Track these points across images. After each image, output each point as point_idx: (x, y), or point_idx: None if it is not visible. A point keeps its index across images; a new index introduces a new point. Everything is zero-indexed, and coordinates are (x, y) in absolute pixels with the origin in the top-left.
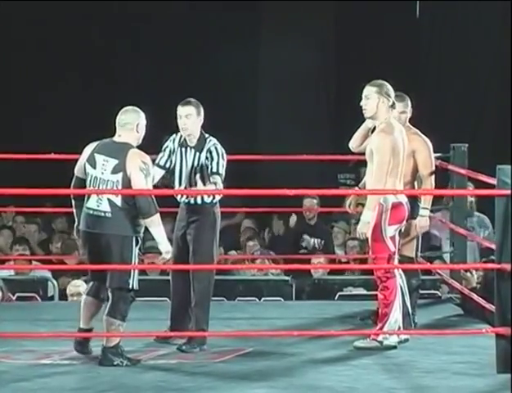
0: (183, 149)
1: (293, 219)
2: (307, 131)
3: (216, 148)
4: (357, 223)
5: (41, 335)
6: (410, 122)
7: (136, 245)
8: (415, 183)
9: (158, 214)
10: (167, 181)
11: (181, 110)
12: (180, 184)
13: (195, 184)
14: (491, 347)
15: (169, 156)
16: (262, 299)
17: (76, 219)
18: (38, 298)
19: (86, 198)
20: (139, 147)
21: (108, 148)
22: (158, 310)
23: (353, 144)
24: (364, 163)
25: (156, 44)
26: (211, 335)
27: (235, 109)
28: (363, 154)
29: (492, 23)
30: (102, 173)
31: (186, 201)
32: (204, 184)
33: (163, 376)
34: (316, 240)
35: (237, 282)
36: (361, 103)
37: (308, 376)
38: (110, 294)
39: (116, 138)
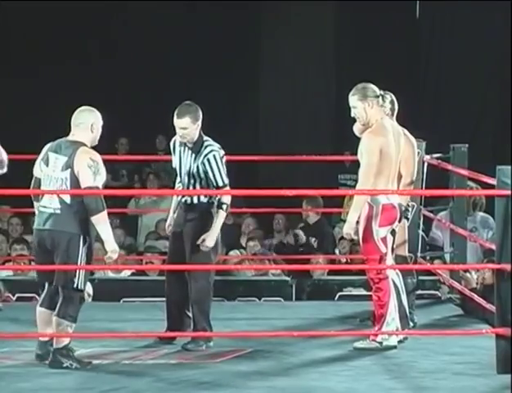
0: (182, 148)
1: (301, 236)
2: (307, 131)
3: (214, 156)
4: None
5: (41, 335)
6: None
7: (84, 244)
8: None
9: (105, 212)
10: None
11: (177, 123)
12: (180, 182)
13: (193, 186)
14: (491, 348)
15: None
16: (262, 299)
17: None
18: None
19: (40, 196)
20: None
21: (60, 147)
22: (159, 310)
23: (356, 130)
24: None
25: (156, 45)
26: (211, 335)
27: (237, 109)
28: None
29: (492, 23)
30: (54, 170)
31: (183, 200)
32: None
33: (163, 376)
34: (311, 238)
35: (237, 282)
36: (352, 114)
37: (308, 376)
38: (60, 293)
39: (70, 137)
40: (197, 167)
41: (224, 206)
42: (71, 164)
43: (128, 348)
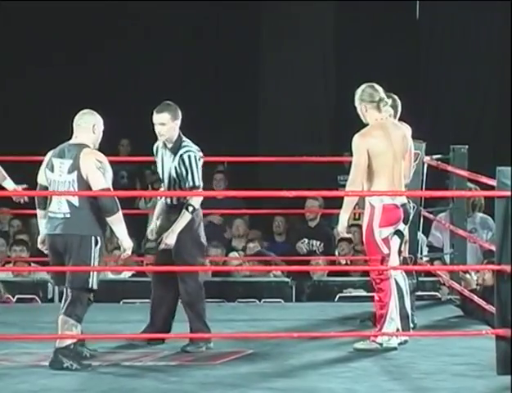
0: (163, 151)
1: (304, 245)
2: (307, 131)
3: (189, 156)
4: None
5: (41, 337)
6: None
7: (96, 245)
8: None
9: (120, 212)
10: None
11: (156, 118)
12: (163, 185)
13: (173, 188)
14: (491, 349)
15: None
16: (262, 300)
17: (40, 230)
18: (38, 300)
19: (48, 203)
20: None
21: (63, 151)
22: None
23: None
24: None
25: (156, 44)
26: (211, 336)
27: (237, 109)
28: None
29: (492, 23)
30: (60, 175)
31: (165, 201)
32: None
33: (164, 378)
34: (314, 242)
35: (237, 283)
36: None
37: (308, 377)
38: (68, 293)
39: (72, 140)
40: (175, 168)
41: (190, 208)
42: (77, 166)
43: (128, 349)
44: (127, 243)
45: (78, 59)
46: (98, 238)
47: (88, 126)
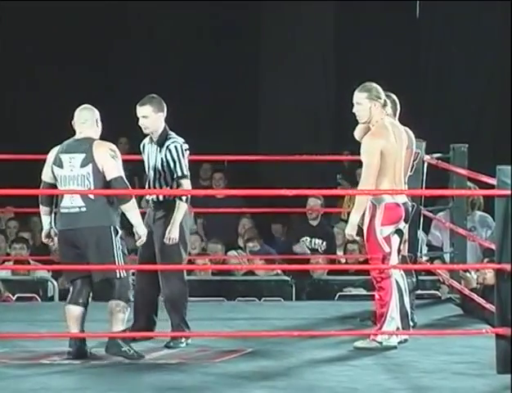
0: (150, 146)
1: (302, 246)
2: (307, 131)
3: (176, 147)
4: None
5: (41, 335)
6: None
7: (116, 234)
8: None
9: (134, 199)
10: None
11: (139, 111)
12: (148, 180)
13: (158, 180)
14: (491, 347)
15: None
16: (262, 299)
17: (44, 226)
18: (38, 298)
19: (60, 198)
20: None
21: (72, 146)
22: (159, 311)
23: (357, 135)
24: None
25: (156, 44)
26: (211, 335)
27: (237, 109)
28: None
29: (492, 23)
30: (71, 170)
31: (151, 198)
32: (167, 185)
33: (164, 376)
34: (317, 241)
35: (237, 282)
36: (354, 110)
37: (308, 376)
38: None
39: (78, 136)
40: (161, 159)
41: (184, 197)
42: (92, 159)
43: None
44: (141, 230)
45: (77, 58)
46: (117, 228)
47: (92, 121)
